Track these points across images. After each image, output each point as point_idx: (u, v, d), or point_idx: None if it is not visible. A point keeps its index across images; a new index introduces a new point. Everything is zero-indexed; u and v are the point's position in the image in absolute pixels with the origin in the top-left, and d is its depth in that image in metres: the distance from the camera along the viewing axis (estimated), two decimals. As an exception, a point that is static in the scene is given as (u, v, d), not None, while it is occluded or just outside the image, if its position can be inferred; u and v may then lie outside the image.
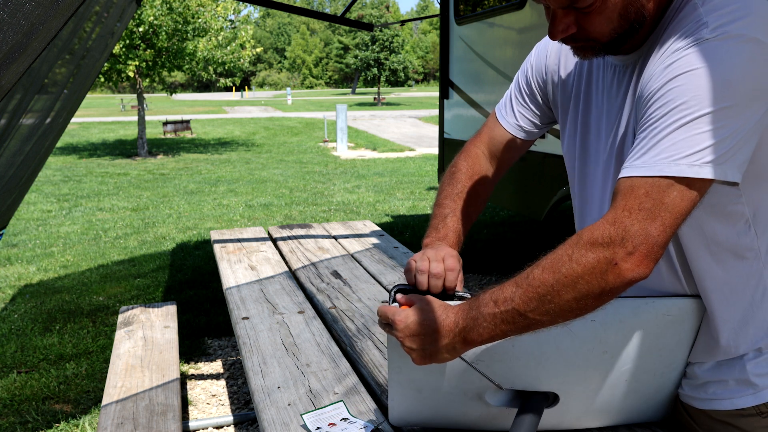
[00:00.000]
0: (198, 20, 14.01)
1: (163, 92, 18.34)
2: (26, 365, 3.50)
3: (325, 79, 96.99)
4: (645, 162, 0.94)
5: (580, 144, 1.24)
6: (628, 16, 1.02)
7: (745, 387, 1.10)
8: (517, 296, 0.97)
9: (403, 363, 1.13)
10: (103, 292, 4.75)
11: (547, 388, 1.15)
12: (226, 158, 14.33)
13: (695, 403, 1.16)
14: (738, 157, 0.93)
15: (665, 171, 0.92)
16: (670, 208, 0.92)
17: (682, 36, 0.97)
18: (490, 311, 1.00)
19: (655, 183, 0.92)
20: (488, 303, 1.00)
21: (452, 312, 1.05)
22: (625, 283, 0.93)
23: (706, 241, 1.07)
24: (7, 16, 0.94)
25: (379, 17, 45.88)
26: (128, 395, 2.21)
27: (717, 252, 1.07)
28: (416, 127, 22.40)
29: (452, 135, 5.30)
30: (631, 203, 0.93)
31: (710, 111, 0.91)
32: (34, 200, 8.99)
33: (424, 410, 1.21)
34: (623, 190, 0.95)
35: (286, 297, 2.22)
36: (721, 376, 1.12)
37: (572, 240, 0.97)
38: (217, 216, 7.64)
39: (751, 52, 0.92)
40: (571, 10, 1.02)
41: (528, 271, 0.99)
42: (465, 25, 4.98)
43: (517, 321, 0.98)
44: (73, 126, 24.27)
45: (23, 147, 1.80)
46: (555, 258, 0.97)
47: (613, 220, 0.94)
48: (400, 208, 7.90)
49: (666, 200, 0.92)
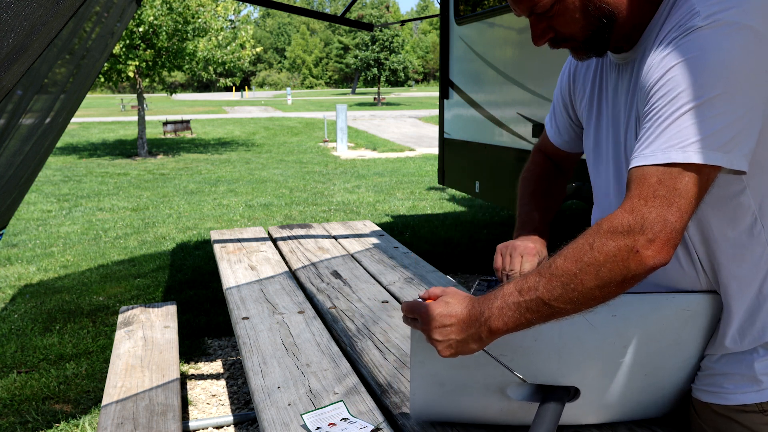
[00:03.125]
0: (198, 20, 14.01)
1: (163, 92, 18.34)
2: (26, 365, 3.50)
3: (325, 79, 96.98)
4: (654, 150, 0.96)
5: (593, 144, 1.28)
6: (590, 14, 1.07)
7: (750, 383, 1.10)
8: (541, 285, 1.00)
9: (427, 357, 1.14)
10: (103, 292, 4.75)
11: (567, 382, 1.16)
12: (226, 158, 14.33)
13: (700, 395, 1.17)
14: (743, 146, 0.95)
15: (674, 158, 0.94)
16: (683, 193, 0.94)
17: (677, 27, 1.00)
18: (514, 300, 1.02)
19: (666, 171, 0.94)
20: (512, 293, 1.02)
21: (477, 302, 1.07)
22: (647, 270, 0.95)
23: (716, 234, 1.08)
24: (9, 18, 0.94)
25: (379, 17, 45.86)
26: (128, 395, 2.21)
27: (727, 245, 1.08)
28: (416, 127, 22.40)
29: (452, 135, 5.30)
30: (646, 191, 0.95)
31: (710, 97, 0.93)
32: (34, 200, 8.99)
33: (445, 405, 1.22)
34: (636, 179, 0.97)
35: (286, 297, 2.22)
36: (727, 370, 1.13)
37: (592, 229, 0.99)
38: (217, 216, 7.64)
39: (745, 39, 0.94)
40: (540, 16, 1.10)
41: (551, 261, 1.01)
42: (465, 25, 4.98)
43: (541, 309, 1.00)
44: (73, 126, 24.27)
45: (23, 147, 1.80)
46: (576, 247, 0.99)
47: (631, 208, 0.95)
48: (400, 208, 7.90)
49: (679, 186, 0.94)
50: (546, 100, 3.87)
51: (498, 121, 4.50)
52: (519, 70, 4.19)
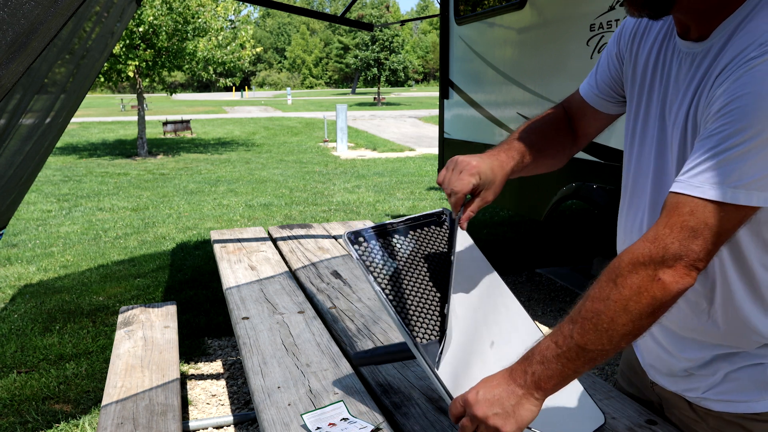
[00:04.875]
0: (198, 20, 14.01)
1: (163, 92, 18.33)
2: (26, 365, 3.50)
3: (325, 79, 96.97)
4: (702, 183, 0.91)
5: (641, 128, 1.20)
6: None
7: (763, 391, 1.08)
8: (575, 332, 0.96)
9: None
10: (103, 292, 4.75)
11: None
12: (226, 158, 14.33)
13: (711, 405, 1.15)
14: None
15: (721, 197, 0.89)
16: (713, 227, 0.90)
17: (756, 44, 0.92)
18: (553, 353, 0.98)
19: (702, 203, 0.90)
20: (550, 346, 0.99)
21: (515, 368, 1.03)
22: (674, 295, 0.92)
23: (746, 261, 1.05)
24: (7, 16, 0.94)
25: (379, 17, 45.86)
26: (128, 395, 2.21)
27: (756, 271, 1.05)
28: (416, 127, 22.40)
29: (452, 135, 5.30)
30: (674, 220, 0.92)
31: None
32: (34, 200, 8.99)
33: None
34: (669, 206, 0.93)
35: (286, 297, 2.22)
36: (739, 378, 1.11)
37: (614, 264, 0.96)
38: (217, 216, 7.64)
39: None
40: None
41: (579, 305, 0.98)
42: (465, 25, 4.98)
43: (581, 356, 0.97)
44: (73, 126, 24.27)
45: (23, 147, 1.80)
46: (600, 286, 0.96)
47: (654, 237, 0.93)
48: (400, 208, 7.90)
49: (711, 221, 0.90)
50: (546, 100, 3.87)
51: (498, 121, 4.50)
52: (519, 70, 4.19)
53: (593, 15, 3.43)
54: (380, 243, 1.29)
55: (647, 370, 1.30)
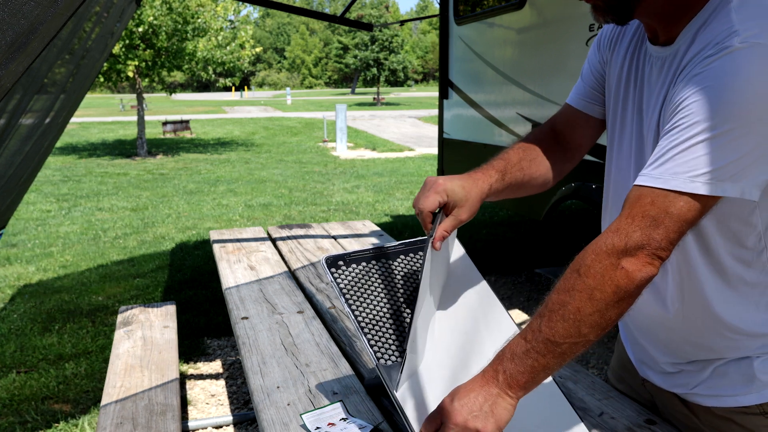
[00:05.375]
0: (198, 20, 14.01)
1: (162, 92, 18.31)
2: (25, 365, 3.50)
3: (324, 79, 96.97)
4: (662, 173, 0.94)
5: (619, 132, 1.23)
6: None
7: (750, 384, 1.10)
8: (543, 325, 0.96)
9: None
10: (102, 292, 4.75)
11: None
12: (226, 158, 14.33)
13: (700, 400, 1.16)
14: (758, 175, 0.92)
15: (680, 187, 0.92)
16: (674, 217, 0.92)
17: (713, 44, 0.96)
18: (523, 349, 0.98)
19: (662, 193, 0.93)
20: (519, 342, 0.99)
21: (486, 369, 1.02)
22: (637, 284, 0.93)
23: (714, 252, 1.07)
24: (7, 16, 0.94)
25: (379, 17, 45.88)
26: (127, 395, 2.21)
27: (725, 262, 1.07)
28: (416, 127, 22.40)
29: (452, 135, 5.30)
30: (636, 211, 0.94)
31: (732, 127, 0.90)
32: (34, 200, 8.99)
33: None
34: (631, 198, 0.96)
35: (285, 297, 2.22)
36: (726, 372, 1.12)
37: (579, 256, 0.98)
38: (216, 216, 7.64)
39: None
40: None
41: (546, 299, 0.99)
42: (464, 25, 4.98)
43: (551, 349, 0.96)
44: (72, 126, 24.27)
45: (23, 147, 1.80)
46: (566, 278, 0.97)
47: (617, 228, 0.95)
48: (399, 208, 7.90)
49: (672, 210, 0.92)
50: (545, 100, 3.87)
51: (497, 121, 4.50)
52: (519, 70, 4.19)
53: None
54: (361, 267, 1.35)
55: (638, 366, 1.32)
